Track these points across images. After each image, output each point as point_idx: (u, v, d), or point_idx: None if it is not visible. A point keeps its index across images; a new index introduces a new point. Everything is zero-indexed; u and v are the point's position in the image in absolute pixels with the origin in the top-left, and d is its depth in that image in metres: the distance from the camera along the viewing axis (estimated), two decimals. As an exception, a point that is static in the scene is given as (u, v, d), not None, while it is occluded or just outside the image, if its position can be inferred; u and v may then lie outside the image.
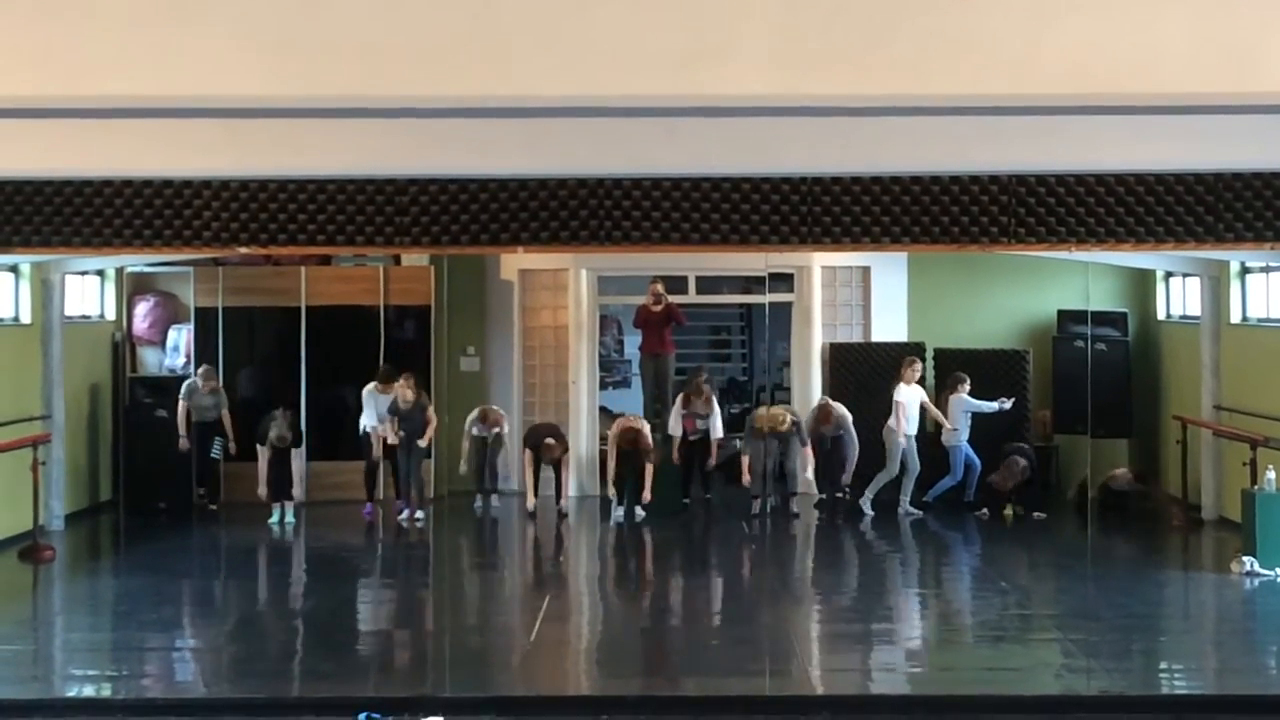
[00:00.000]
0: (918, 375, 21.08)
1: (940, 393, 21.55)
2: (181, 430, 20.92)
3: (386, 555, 20.21)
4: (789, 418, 20.56)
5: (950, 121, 9.81)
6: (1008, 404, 21.20)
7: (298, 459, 20.84)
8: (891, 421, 20.89)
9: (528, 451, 21.21)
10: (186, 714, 12.19)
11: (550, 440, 20.96)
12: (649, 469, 20.74)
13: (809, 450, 20.82)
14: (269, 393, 22.02)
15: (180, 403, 20.99)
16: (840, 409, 21.14)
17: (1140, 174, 13.56)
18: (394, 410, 20.64)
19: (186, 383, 21.16)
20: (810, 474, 21.00)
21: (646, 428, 21.00)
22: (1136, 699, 12.42)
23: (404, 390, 20.53)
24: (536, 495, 21.16)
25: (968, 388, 21.16)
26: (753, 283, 24.30)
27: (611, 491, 20.96)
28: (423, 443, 20.66)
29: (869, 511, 20.89)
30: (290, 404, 21.38)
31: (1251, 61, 7.36)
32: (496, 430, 21.30)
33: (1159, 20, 7.37)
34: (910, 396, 20.99)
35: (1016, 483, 20.80)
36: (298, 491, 20.75)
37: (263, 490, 20.57)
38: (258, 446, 20.66)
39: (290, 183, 13.81)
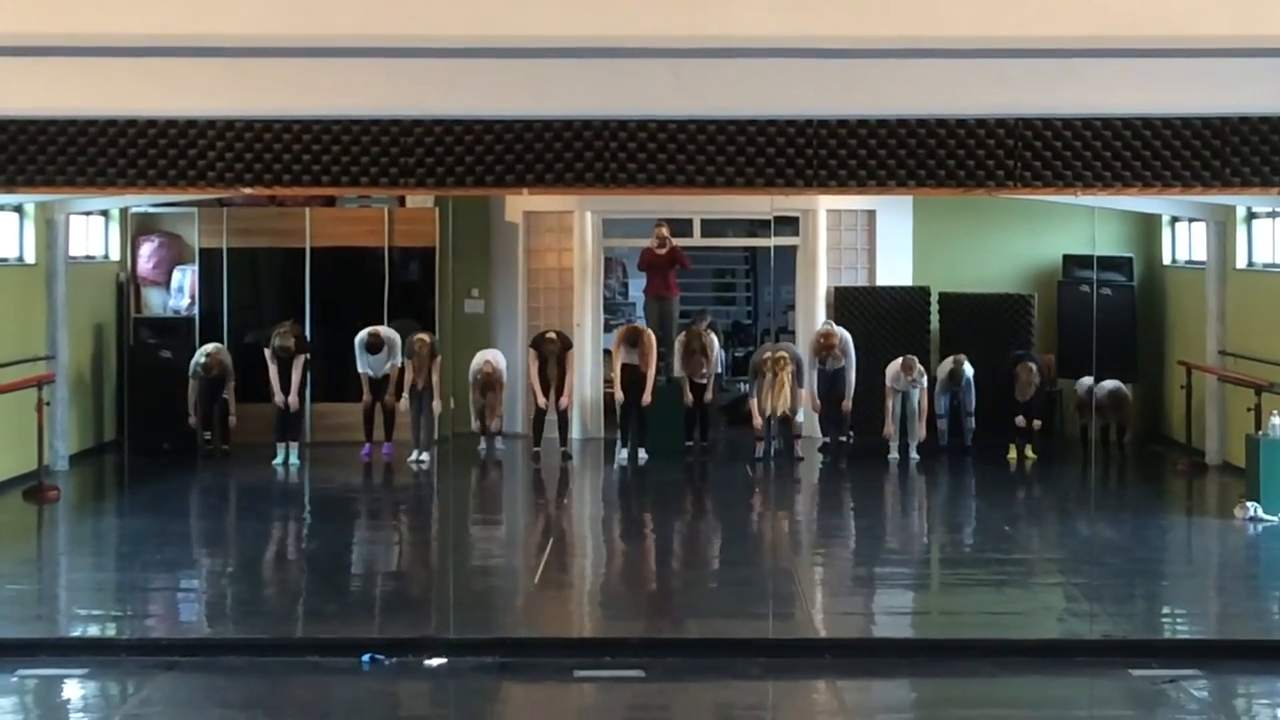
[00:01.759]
0: (911, 376, 20.92)
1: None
2: (191, 412, 20.89)
3: (390, 497, 20.26)
4: (788, 359, 20.53)
5: (956, 64, 9.79)
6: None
7: (299, 369, 20.81)
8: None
9: (532, 351, 21.23)
10: (190, 654, 12.22)
11: (551, 335, 20.99)
12: (650, 374, 20.81)
13: (805, 393, 20.86)
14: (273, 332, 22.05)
15: (190, 381, 20.91)
16: (842, 333, 21.12)
17: (1147, 118, 13.51)
18: (410, 354, 20.73)
19: (193, 362, 21.01)
20: (803, 414, 21.02)
21: (650, 332, 21.10)
22: (1139, 643, 12.45)
23: (421, 340, 20.65)
24: (545, 396, 21.14)
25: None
26: (758, 226, 24.26)
27: (619, 393, 21.02)
28: (436, 406, 20.77)
29: (914, 455, 20.97)
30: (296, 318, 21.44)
31: (1260, 5, 7.34)
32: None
33: (1168, -37, 7.35)
34: (899, 383, 20.95)
35: (1036, 386, 20.83)
36: (294, 400, 20.76)
37: (279, 398, 20.66)
38: (265, 351, 20.79)
39: (295, 123, 13.76)
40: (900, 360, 20.87)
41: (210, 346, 21.11)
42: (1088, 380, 20.87)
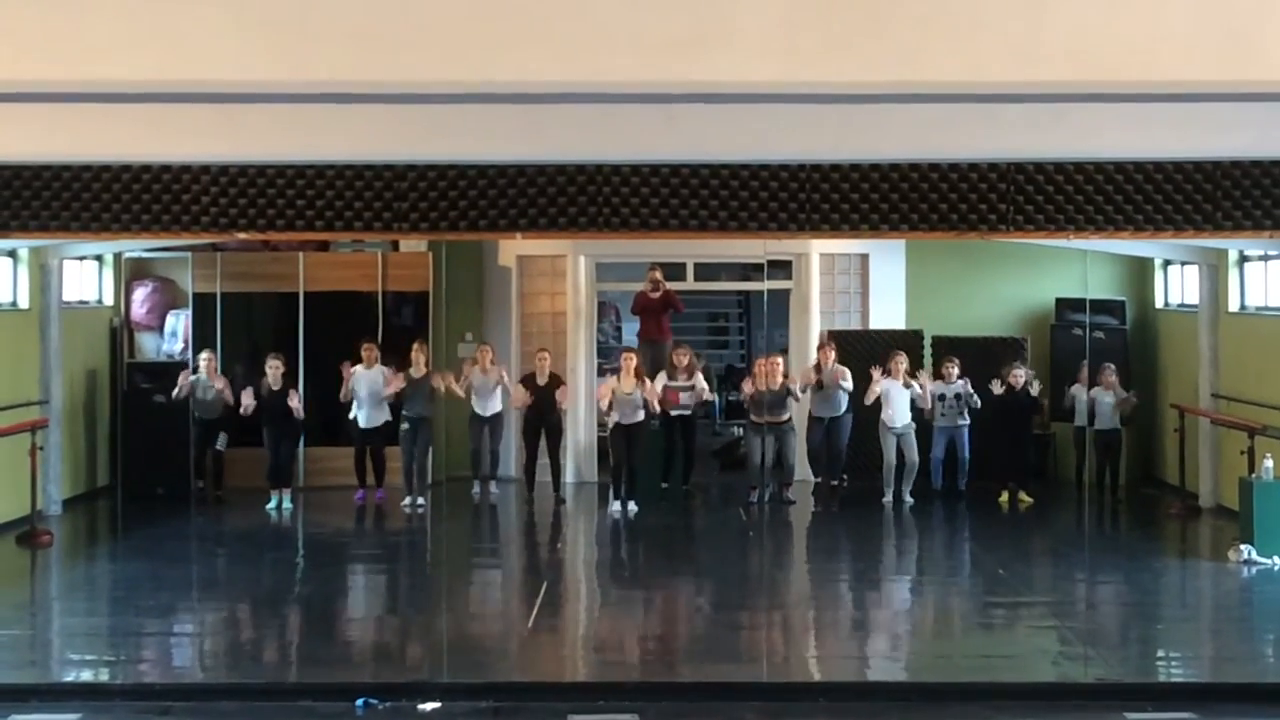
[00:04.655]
0: (902, 367, 20.97)
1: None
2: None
3: (384, 541, 20.22)
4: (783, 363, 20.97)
5: (949, 109, 9.80)
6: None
7: (296, 400, 20.78)
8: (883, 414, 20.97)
9: (520, 386, 21.30)
10: (184, 699, 12.19)
11: (540, 372, 21.03)
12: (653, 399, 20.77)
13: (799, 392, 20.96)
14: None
15: (188, 396, 20.93)
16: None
17: (1139, 161, 13.55)
18: (406, 379, 20.75)
19: (191, 379, 20.90)
20: (800, 390, 21.03)
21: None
22: (1134, 686, 12.43)
23: (417, 355, 20.69)
24: (535, 444, 21.21)
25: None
26: (751, 269, 24.32)
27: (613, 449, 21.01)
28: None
29: (908, 499, 20.91)
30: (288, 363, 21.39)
31: (1251, 49, 7.36)
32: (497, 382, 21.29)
33: (1158, 7, 7.36)
34: (891, 388, 20.92)
35: (1024, 381, 20.82)
36: (298, 407, 20.81)
37: (247, 403, 20.60)
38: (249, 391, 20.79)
39: (289, 168, 13.79)
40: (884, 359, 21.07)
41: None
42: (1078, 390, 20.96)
